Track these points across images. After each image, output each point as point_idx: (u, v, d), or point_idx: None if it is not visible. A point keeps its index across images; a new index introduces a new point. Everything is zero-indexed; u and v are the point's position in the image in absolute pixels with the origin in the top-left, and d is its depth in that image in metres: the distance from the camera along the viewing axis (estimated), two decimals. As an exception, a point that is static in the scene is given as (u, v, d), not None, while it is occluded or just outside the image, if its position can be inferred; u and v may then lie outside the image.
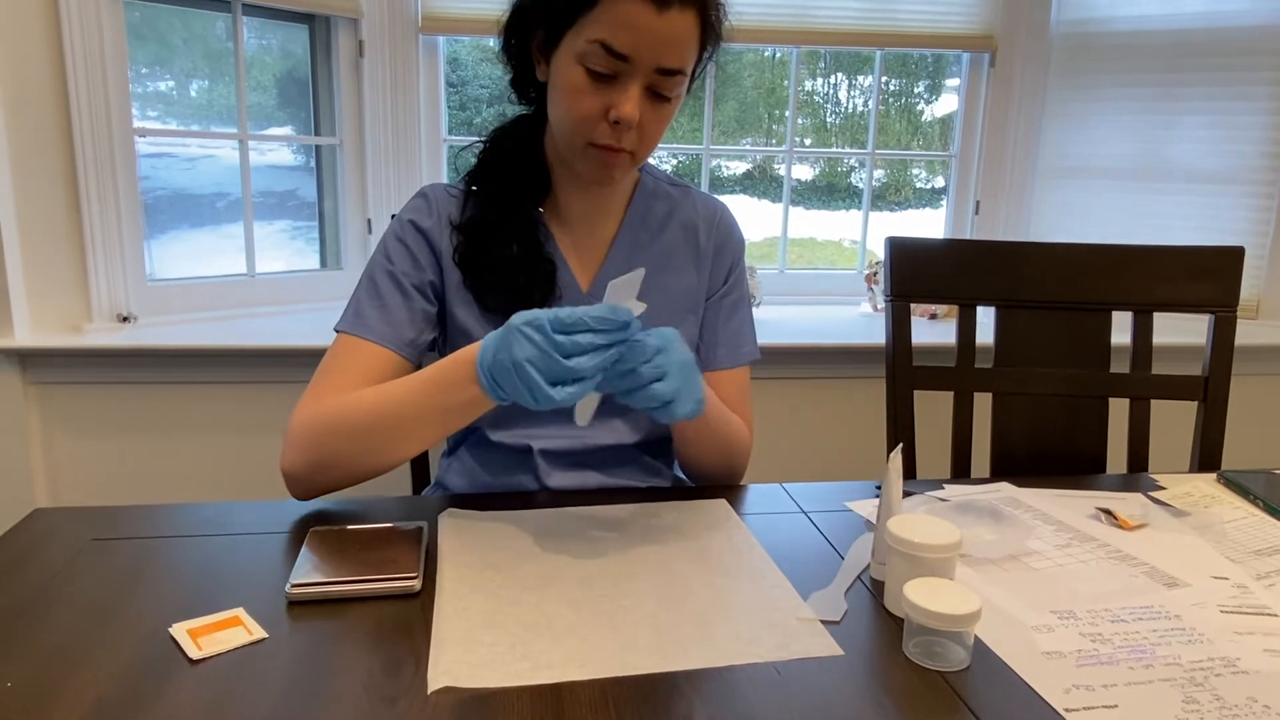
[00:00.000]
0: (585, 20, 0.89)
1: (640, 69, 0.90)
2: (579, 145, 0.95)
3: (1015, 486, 1.06)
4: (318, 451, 0.91)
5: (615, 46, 0.88)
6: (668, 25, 0.88)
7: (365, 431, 0.90)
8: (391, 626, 0.71)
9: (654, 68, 0.90)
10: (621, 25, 0.88)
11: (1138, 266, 1.33)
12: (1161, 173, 2.08)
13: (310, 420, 0.92)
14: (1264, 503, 1.02)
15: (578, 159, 0.98)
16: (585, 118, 0.93)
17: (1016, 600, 0.78)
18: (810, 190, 2.61)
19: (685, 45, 0.91)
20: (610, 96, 0.92)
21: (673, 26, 0.89)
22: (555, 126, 0.99)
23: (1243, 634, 0.74)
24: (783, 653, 0.68)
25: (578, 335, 0.77)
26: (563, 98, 0.94)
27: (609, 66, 0.90)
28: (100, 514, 0.90)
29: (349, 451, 0.91)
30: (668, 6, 0.88)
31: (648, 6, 0.87)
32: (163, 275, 1.86)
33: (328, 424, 0.91)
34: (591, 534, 0.88)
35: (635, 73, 0.90)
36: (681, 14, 0.89)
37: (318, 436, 0.91)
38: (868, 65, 2.27)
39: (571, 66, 0.91)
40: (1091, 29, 2.09)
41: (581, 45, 0.90)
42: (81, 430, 1.72)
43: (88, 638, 0.68)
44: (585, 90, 0.92)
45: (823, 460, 1.99)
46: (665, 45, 0.90)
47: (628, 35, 0.88)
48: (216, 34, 1.87)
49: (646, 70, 0.90)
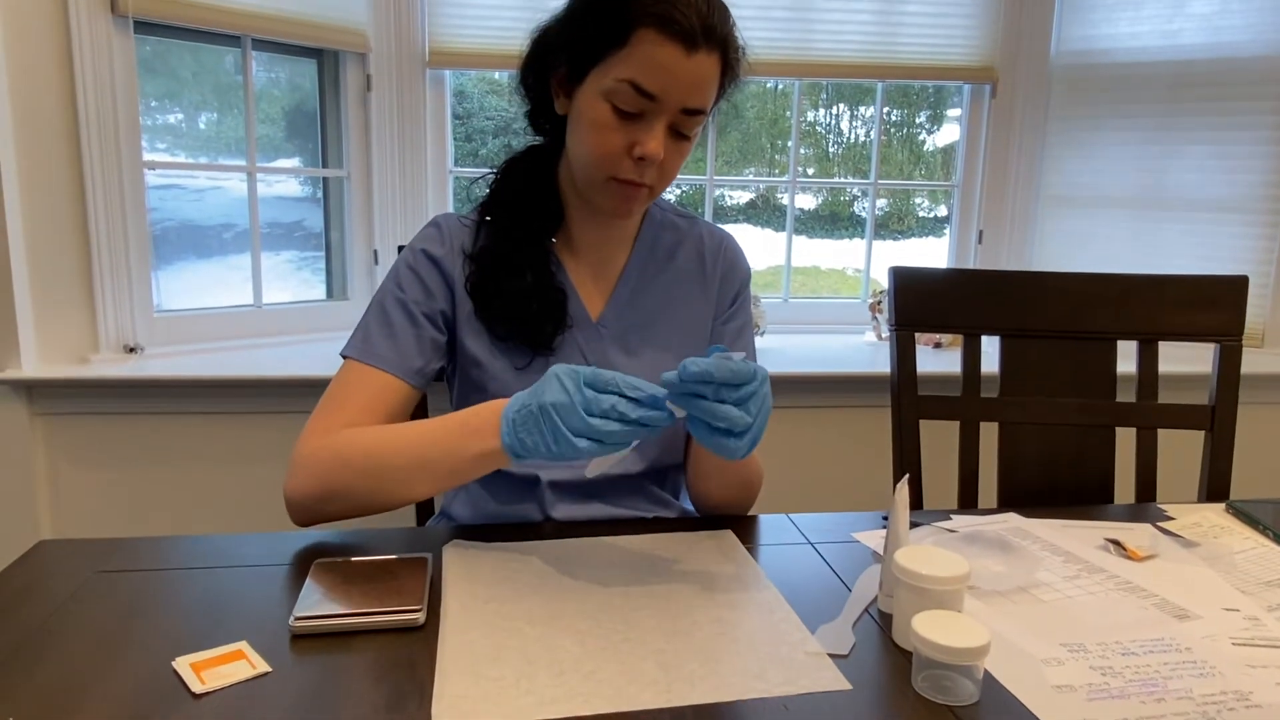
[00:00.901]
0: (614, 59, 0.90)
1: (666, 108, 0.92)
2: (600, 179, 0.96)
3: (1023, 517, 1.06)
4: (325, 482, 0.91)
5: (644, 86, 0.90)
6: (695, 67, 0.90)
7: (376, 470, 0.90)
8: (395, 660, 0.70)
9: (680, 108, 0.92)
10: (651, 66, 0.89)
11: (1142, 296, 1.33)
12: (1164, 202, 2.08)
13: (320, 450, 0.92)
14: (1273, 533, 1.02)
15: (598, 193, 0.98)
16: (609, 154, 0.94)
17: (1026, 633, 0.78)
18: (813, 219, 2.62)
19: (709, 86, 0.93)
20: (635, 134, 0.93)
21: (700, 68, 0.91)
22: (576, 160, 1.00)
23: (1256, 667, 0.73)
24: (790, 687, 0.67)
25: (607, 395, 0.78)
26: (587, 133, 0.95)
27: (636, 105, 0.91)
28: (104, 546, 0.90)
29: (357, 487, 0.91)
30: (696, 49, 0.89)
31: (678, 48, 0.89)
32: (170, 306, 1.87)
33: (339, 456, 0.91)
34: (597, 566, 0.88)
35: (661, 112, 0.92)
36: (708, 56, 0.91)
37: (327, 467, 0.91)
38: (869, 96, 2.29)
39: (598, 103, 0.92)
40: (1091, 60, 2.11)
41: (609, 83, 0.91)
42: (87, 461, 1.72)
43: (90, 671, 0.67)
44: (611, 127, 0.93)
45: (828, 490, 1.98)
46: (692, 86, 0.91)
47: (657, 76, 0.89)
48: (226, 68, 1.89)
49: (672, 110, 0.92)
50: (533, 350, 1.03)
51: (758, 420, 0.79)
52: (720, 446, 0.79)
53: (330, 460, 0.91)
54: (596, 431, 0.77)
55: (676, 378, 0.77)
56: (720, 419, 0.77)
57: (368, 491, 0.91)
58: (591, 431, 0.77)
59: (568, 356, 1.04)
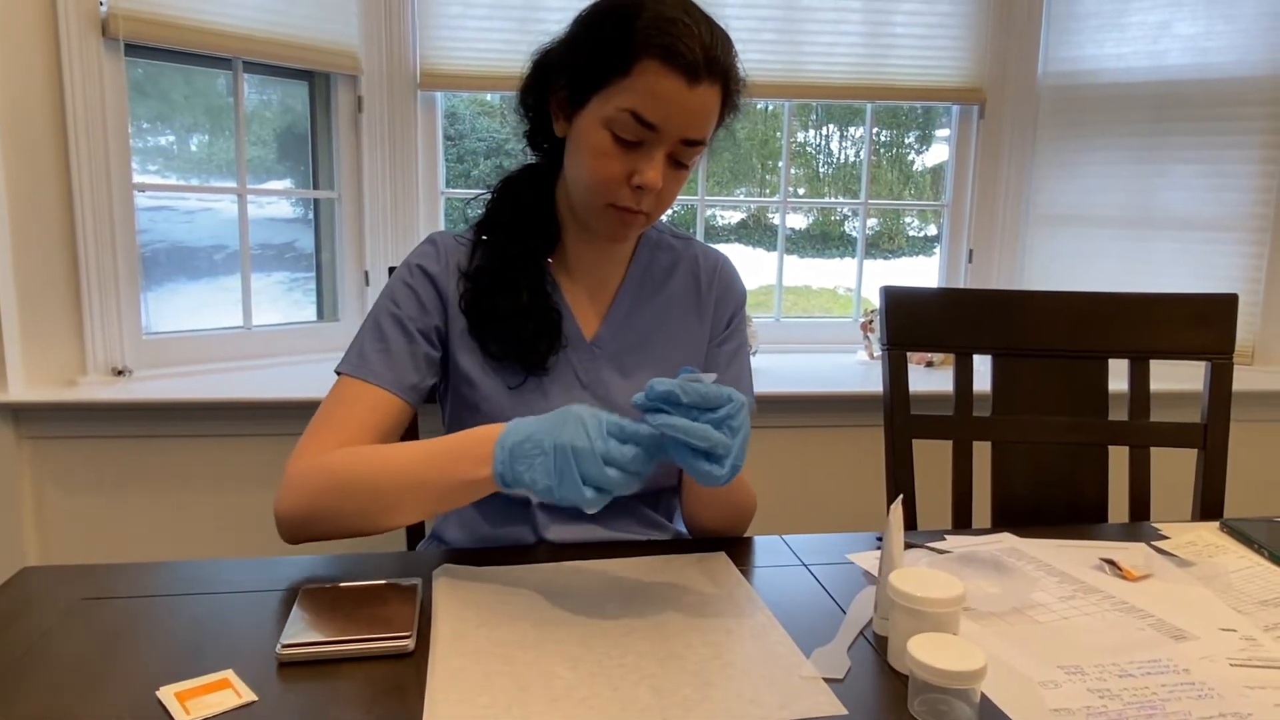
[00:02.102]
0: (616, 87, 0.90)
1: (667, 138, 0.92)
2: (598, 205, 0.97)
3: (1017, 537, 1.05)
4: (314, 502, 0.90)
5: (646, 116, 0.90)
6: (697, 98, 0.90)
7: (365, 491, 0.89)
8: (384, 688, 0.69)
9: (680, 138, 0.92)
10: (653, 96, 0.89)
11: (1133, 314, 1.33)
12: (1152, 220, 2.10)
13: (310, 469, 0.91)
14: (1268, 551, 1.01)
15: (595, 218, 0.99)
16: (608, 181, 0.94)
17: (1022, 655, 0.77)
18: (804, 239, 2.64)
19: (709, 117, 0.94)
20: (634, 162, 0.93)
21: (701, 99, 0.91)
22: (574, 184, 1.00)
23: (1254, 688, 0.73)
24: (785, 712, 0.67)
25: (629, 447, 0.77)
26: (586, 160, 0.95)
27: (636, 134, 0.91)
28: (90, 573, 0.89)
29: (346, 508, 0.90)
30: (698, 81, 0.90)
31: (680, 80, 0.89)
32: (159, 328, 1.85)
33: (330, 476, 0.90)
34: (590, 590, 0.87)
35: (661, 142, 0.92)
36: (710, 88, 0.91)
37: (316, 487, 0.90)
38: (859, 117, 2.30)
39: (598, 130, 0.93)
40: (1079, 80, 2.13)
41: (610, 111, 0.91)
42: (74, 485, 1.70)
43: (74, 701, 0.66)
44: (610, 155, 0.93)
45: (821, 510, 1.97)
46: (693, 117, 0.92)
47: (658, 106, 0.90)
48: (217, 90, 1.90)
49: (672, 140, 0.92)
50: (526, 370, 1.02)
51: (735, 444, 0.77)
52: (701, 473, 0.77)
53: (320, 480, 0.90)
54: (609, 482, 0.76)
55: (644, 398, 0.76)
56: (697, 437, 0.75)
57: (356, 512, 0.90)
58: (604, 482, 0.76)
59: (562, 376, 1.04)
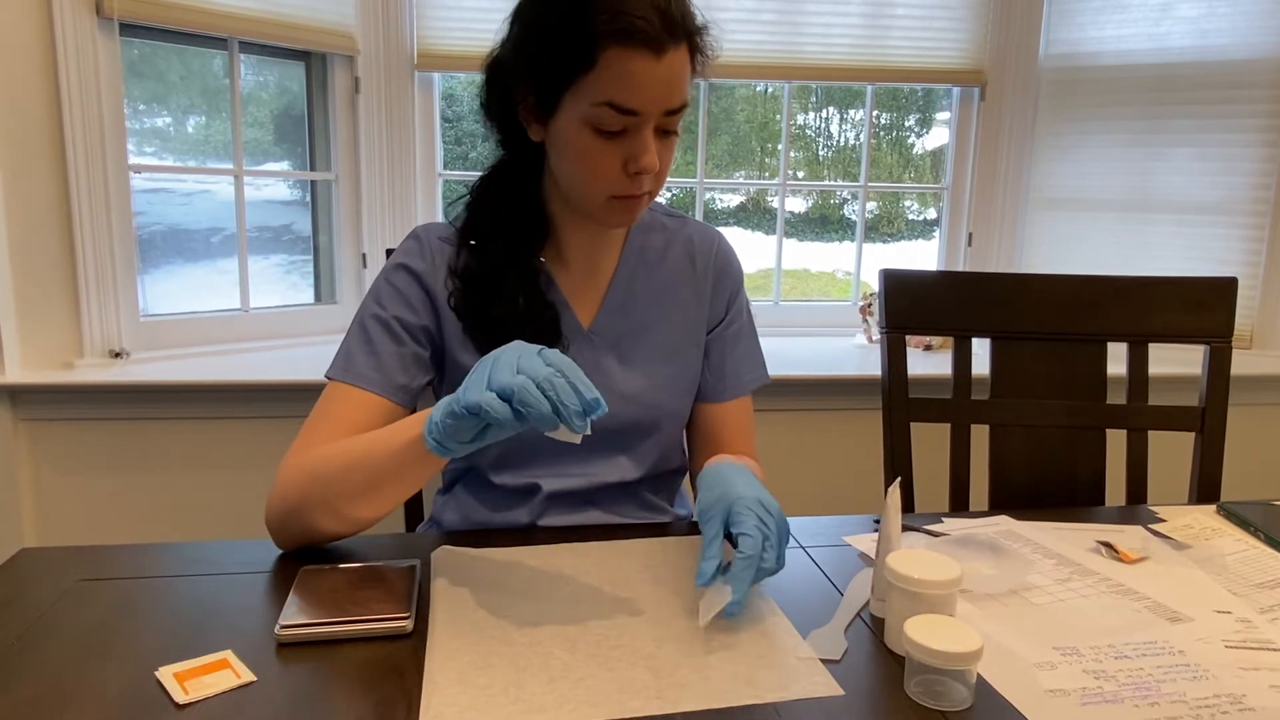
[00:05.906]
0: (584, 82, 0.87)
1: (650, 117, 0.89)
2: (599, 200, 0.94)
3: (1014, 520, 1.05)
4: (287, 494, 0.88)
5: (624, 104, 0.87)
6: (667, 68, 0.87)
7: (323, 477, 0.86)
8: (383, 668, 0.69)
9: (662, 112, 0.90)
10: (625, 81, 0.86)
11: (1132, 297, 1.33)
12: (1151, 204, 2.09)
13: (286, 467, 0.90)
14: (1264, 534, 1.02)
15: (598, 211, 0.96)
16: (605, 175, 0.92)
17: (1018, 637, 0.77)
18: (803, 222, 2.63)
19: (684, 80, 0.91)
20: (625, 149, 0.90)
21: (671, 66, 0.88)
22: (568, 184, 0.97)
23: (1248, 670, 0.73)
24: (782, 693, 0.67)
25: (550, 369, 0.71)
26: (577, 161, 0.92)
27: (619, 123, 0.89)
28: (87, 554, 0.89)
29: (311, 495, 0.87)
30: (664, 50, 0.86)
31: (647, 56, 0.86)
32: (156, 310, 1.85)
33: (300, 469, 0.89)
34: (588, 572, 0.87)
35: (646, 122, 0.89)
36: (676, 51, 0.88)
37: (288, 480, 0.89)
38: (859, 99, 2.29)
39: (579, 130, 0.90)
40: (1079, 62, 2.12)
41: (586, 108, 0.88)
42: (71, 467, 1.70)
43: (72, 682, 0.66)
44: (600, 151, 0.90)
45: (818, 493, 1.98)
46: (669, 88, 0.89)
47: (633, 90, 0.87)
48: (214, 71, 1.88)
49: (656, 116, 0.90)
50: None
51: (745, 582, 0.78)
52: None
53: (292, 474, 0.89)
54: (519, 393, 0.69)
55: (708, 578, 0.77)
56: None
57: (320, 502, 0.86)
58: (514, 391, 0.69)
59: None
